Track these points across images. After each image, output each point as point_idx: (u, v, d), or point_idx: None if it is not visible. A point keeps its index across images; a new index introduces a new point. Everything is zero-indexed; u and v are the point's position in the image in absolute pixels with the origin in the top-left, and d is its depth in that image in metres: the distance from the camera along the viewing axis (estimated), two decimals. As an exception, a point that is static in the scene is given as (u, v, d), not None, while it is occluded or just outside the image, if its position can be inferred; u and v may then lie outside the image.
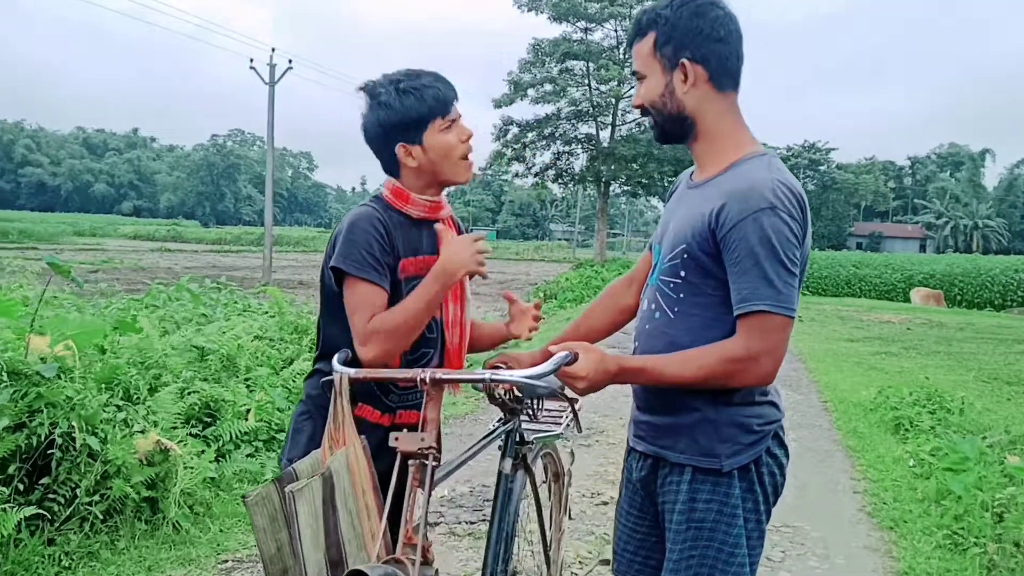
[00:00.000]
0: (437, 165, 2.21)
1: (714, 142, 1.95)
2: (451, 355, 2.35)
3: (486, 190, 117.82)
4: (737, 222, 1.77)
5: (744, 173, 1.85)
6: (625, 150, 35.13)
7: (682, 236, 1.90)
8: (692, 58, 1.88)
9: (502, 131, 36.98)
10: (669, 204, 2.16)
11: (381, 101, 2.18)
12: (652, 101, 1.96)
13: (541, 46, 35.95)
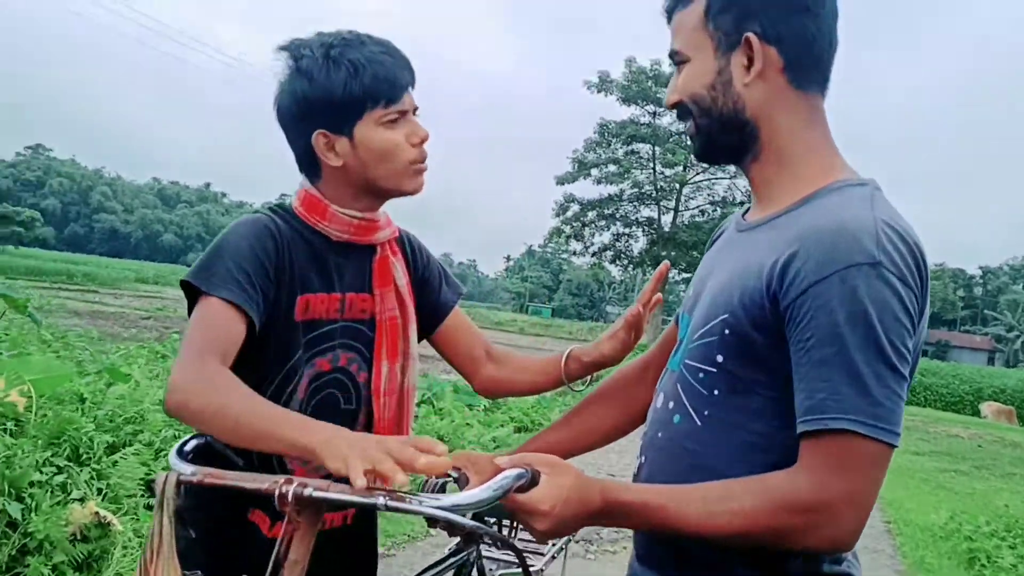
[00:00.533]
0: (370, 169, 1.61)
1: (786, 162, 1.32)
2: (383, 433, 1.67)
3: (545, 267, 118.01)
4: (815, 282, 1.14)
5: (831, 208, 1.22)
6: (686, 236, 34.60)
7: (724, 301, 1.27)
8: (762, 34, 1.28)
9: (562, 207, 36.61)
10: (708, 255, 1.52)
11: (301, 68, 1.58)
12: (695, 94, 1.34)
13: (608, 127, 35.82)
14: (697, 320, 1.34)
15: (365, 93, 1.56)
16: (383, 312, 1.70)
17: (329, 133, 1.59)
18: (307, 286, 1.61)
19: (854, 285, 1.12)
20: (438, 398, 9.72)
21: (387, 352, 1.70)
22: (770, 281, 1.19)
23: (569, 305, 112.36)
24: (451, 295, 1.90)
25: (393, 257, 1.75)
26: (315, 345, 1.62)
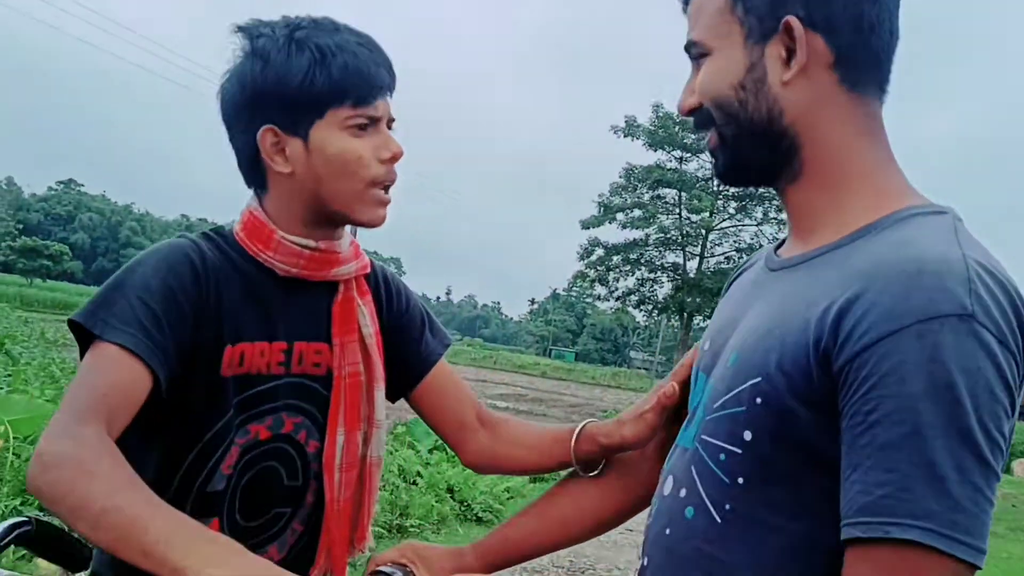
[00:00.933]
0: (323, 183, 1.29)
1: (835, 184, 1.03)
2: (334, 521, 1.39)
3: (569, 311, 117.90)
4: (884, 336, 0.84)
5: (902, 241, 0.92)
6: (711, 283, 34.18)
7: (755, 361, 0.98)
8: (806, 19, 0.99)
9: (587, 251, 36.36)
10: (728, 299, 1.23)
11: (256, 48, 1.27)
12: (719, 96, 1.05)
13: (634, 171, 35.66)
14: (718, 384, 1.05)
15: (330, 86, 1.25)
16: (343, 367, 1.39)
17: (279, 131, 1.28)
18: (240, 333, 1.30)
19: (937, 343, 0.82)
20: (451, 444, 9.39)
21: (345, 417, 1.39)
22: (820, 335, 0.90)
23: (593, 349, 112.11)
24: (436, 345, 1.57)
25: (360, 299, 1.43)
26: (250, 407, 1.31)
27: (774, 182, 1.09)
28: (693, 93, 1.09)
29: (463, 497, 7.44)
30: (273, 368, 1.33)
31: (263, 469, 1.34)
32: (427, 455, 8.61)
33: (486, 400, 24.51)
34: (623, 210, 35.71)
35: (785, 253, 1.11)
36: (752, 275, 1.19)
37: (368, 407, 1.43)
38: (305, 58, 1.24)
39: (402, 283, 1.58)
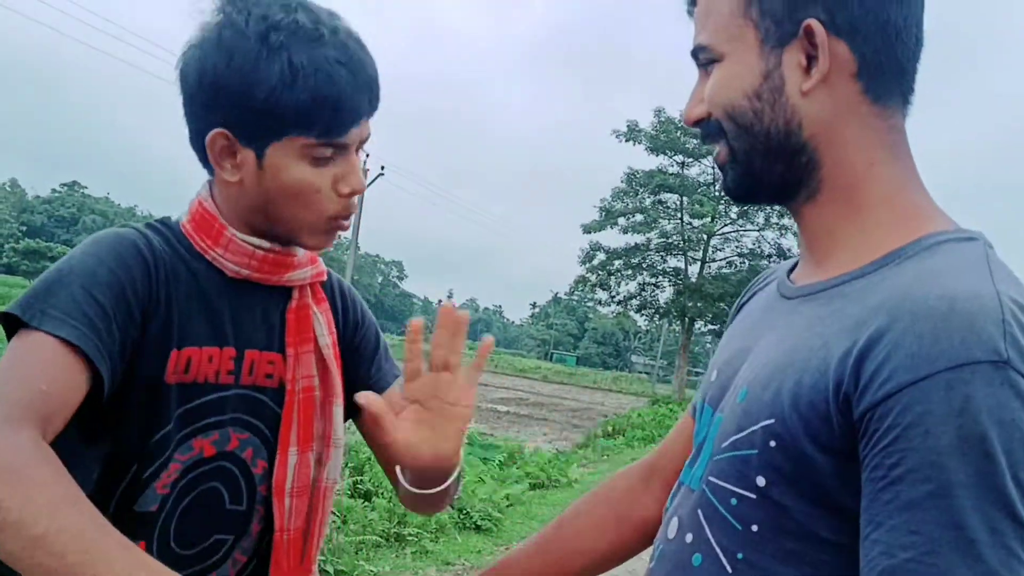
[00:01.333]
0: (276, 206, 1.18)
1: (857, 204, 0.95)
2: (283, 552, 1.25)
3: (570, 315, 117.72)
4: (909, 383, 0.77)
5: (930, 273, 0.84)
6: (713, 288, 34.07)
7: (768, 399, 0.90)
8: (828, 23, 0.91)
9: (588, 256, 36.30)
10: (738, 324, 1.14)
11: (223, 39, 1.11)
12: (731, 105, 0.97)
13: (636, 176, 35.58)
14: (728, 422, 0.96)
15: (296, 111, 1.10)
16: (296, 380, 1.26)
17: (232, 137, 1.14)
18: (187, 336, 1.16)
19: (968, 395, 0.74)
20: (451, 451, 9.36)
21: (298, 435, 1.26)
22: (841, 378, 0.82)
23: (594, 353, 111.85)
24: (389, 371, 1.43)
25: (316, 306, 1.31)
26: (194, 419, 1.18)
27: (788, 200, 1.01)
28: (701, 102, 1.00)
29: (461, 505, 7.40)
30: (222, 377, 1.20)
31: (205, 490, 1.20)
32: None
33: (486, 404, 24.50)
34: (625, 215, 35.66)
35: (800, 279, 1.02)
36: (763, 300, 1.11)
37: (324, 424, 1.30)
38: (274, 72, 1.09)
39: (359, 297, 1.47)
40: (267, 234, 1.22)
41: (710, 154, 8.02)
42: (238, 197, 1.20)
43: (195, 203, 1.24)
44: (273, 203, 1.18)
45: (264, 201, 1.18)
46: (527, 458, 10.55)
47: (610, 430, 18.86)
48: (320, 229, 1.21)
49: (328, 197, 1.18)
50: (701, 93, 1.00)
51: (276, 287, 1.27)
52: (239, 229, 1.21)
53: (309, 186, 1.16)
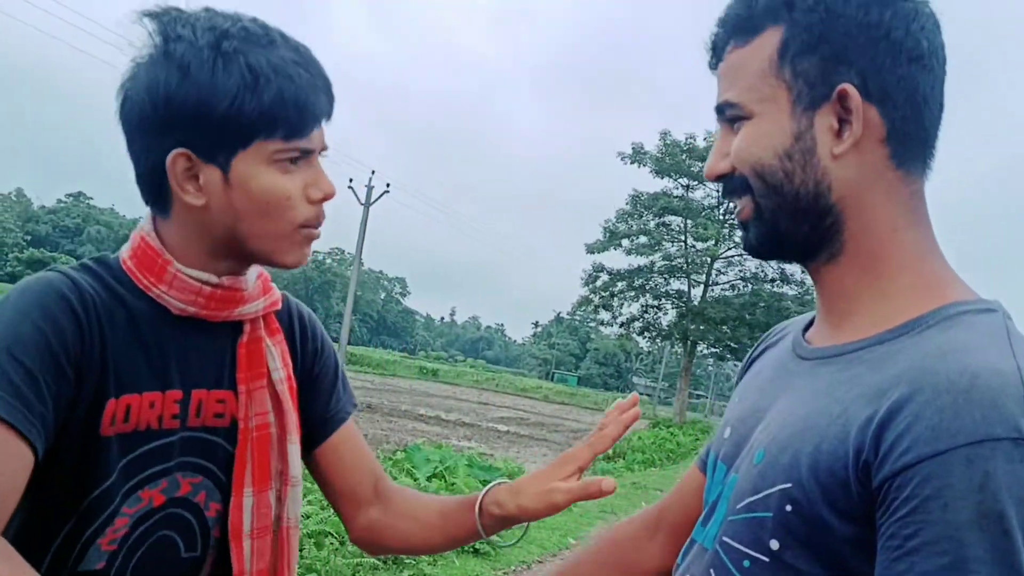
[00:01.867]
0: (244, 221, 1.12)
1: (877, 269, 0.96)
2: None
3: (572, 335, 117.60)
4: (928, 456, 0.77)
5: (951, 346, 0.85)
6: (715, 312, 34.06)
7: (785, 463, 0.91)
8: (862, 89, 0.92)
9: (591, 277, 36.32)
10: (751, 380, 1.14)
11: (173, 54, 1.06)
12: (761, 164, 0.97)
13: (640, 198, 35.63)
14: (743, 483, 0.96)
15: (261, 114, 1.06)
16: (250, 417, 1.21)
17: (195, 156, 1.08)
18: (125, 383, 1.09)
19: (988, 471, 0.74)
20: (451, 472, 9.33)
21: (254, 475, 1.20)
22: (861, 446, 0.82)
23: (596, 374, 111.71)
24: (347, 403, 1.38)
25: (270, 338, 1.25)
26: (139, 469, 1.12)
27: (809, 260, 1.01)
28: (725, 157, 1.00)
29: (461, 528, 7.37)
30: (166, 422, 1.13)
31: (157, 540, 1.15)
32: (426, 483, 8.56)
33: (486, 423, 24.43)
34: (628, 236, 35.67)
35: (816, 339, 1.03)
36: (778, 358, 1.10)
37: (280, 462, 1.24)
38: (233, 79, 1.04)
39: (319, 325, 1.40)
40: (233, 256, 1.17)
41: None
42: (201, 226, 1.13)
43: (136, 238, 1.18)
44: (244, 220, 1.12)
45: (233, 220, 1.12)
46: (527, 481, 10.49)
47: (610, 453, 18.77)
48: (294, 240, 1.15)
49: (299, 204, 1.13)
50: (725, 148, 1.01)
51: (224, 323, 1.20)
52: (192, 261, 1.15)
53: (280, 192, 1.11)
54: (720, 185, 1.03)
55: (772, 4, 0.95)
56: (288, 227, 1.13)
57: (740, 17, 0.99)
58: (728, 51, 1.00)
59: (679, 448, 22.30)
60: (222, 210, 1.11)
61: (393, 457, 9.69)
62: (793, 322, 1.15)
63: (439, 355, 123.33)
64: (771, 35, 0.95)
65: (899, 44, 0.91)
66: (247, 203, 1.10)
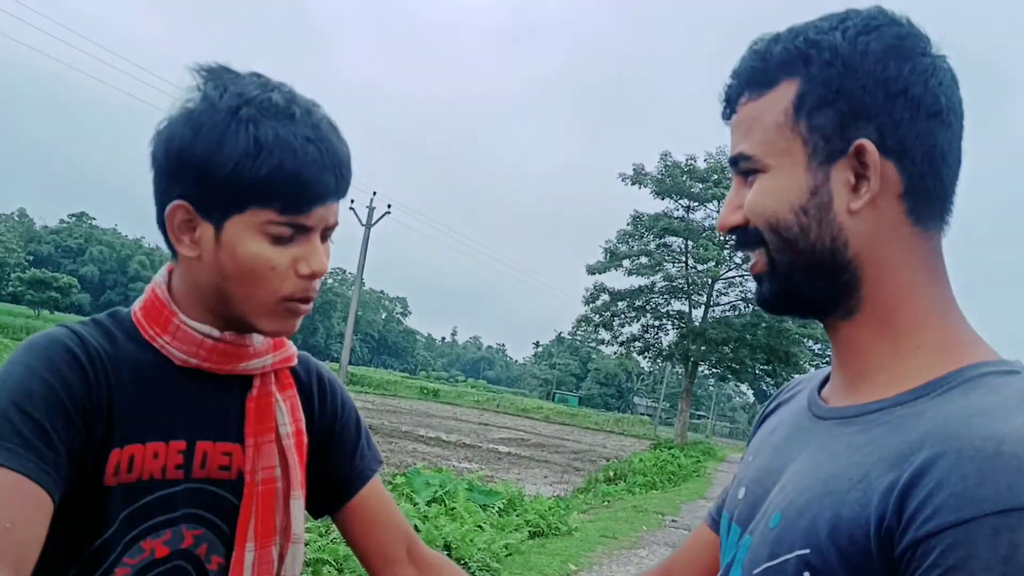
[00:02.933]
0: (230, 284, 1.13)
1: (895, 328, 0.94)
2: None
3: (573, 355, 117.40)
4: (953, 524, 0.75)
5: (975, 410, 0.82)
6: (716, 332, 34.09)
7: (803, 528, 0.88)
8: (880, 144, 0.90)
9: (592, 296, 36.37)
10: (765, 437, 1.12)
11: (193, 115, 1.10)
12: (776, 218, 0.95)
13: (641, 219, 35.75)
14: (759, 547, 0.94)
15: (257, 184, 1.07)
16: (256, 471, 1.20)
17: (192, 210, 1.11)
18: (130, 433, 1.10)
19: (1014, 542, 0.72)
20: (451, 496, 9.30)
21: (257, 529, 1.19)
22: (883, 513, 0.80)
23: (596, 394, 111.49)
24: (371, 460, 1.38)
25: (280, 393, 1.25)
26: (142, 519, 1.11)
27: (825, 316, 0.99)
28: (739, 208, 0.98)
29: (460, 555, 7.33)
30: (170, 472, 1.13)
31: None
32: (425, 508, 8.52)
33: (488, 444, 24.32)
34: (629, 257, 35.75)
35: (833, 398, 1.00)
36: (791, 416, 1.07)
37: (284, 517, 1.23)
38: (239, 146, 1.06)
39: (339, 384, 1.40)
40: (224, 317, 1.17)
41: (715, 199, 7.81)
42: (196, 275, 1.15)
43: (149, 289, 1.20)
44: (228, 280, 1.12)
45: (219, 279, 1.13)
46: (527, 505, 10.45)
47: (611, 475, 18.71)
48: (275, 311, 1.14)
49: (285, 277, 1.12)
50: (739, 200, 0.99)
51: (229, 376, 1.21)
52: (196, 314, 1.16)
53: (264, 262, 1.11)
54: (733, 237, 1.02)
55: (788, 57, 0.94)
56: (270, 298, 1.13)
57: (755, 69, 0.97)
58: (742, 103, 0.99)
59: (680, 470, 22.19)
60: (211, 267, 1.13)
61: (393, 481, 9.63)
62: (807, 378, 1.12)
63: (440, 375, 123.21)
64: (787, 88, 0.94)
65: (917, 99, 0.90)
66: (232, 266, 1.11)
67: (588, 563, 8.54)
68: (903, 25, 0.92)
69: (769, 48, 0.96)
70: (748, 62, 0.98)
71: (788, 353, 32.61)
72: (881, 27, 0.92)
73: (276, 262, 1.11)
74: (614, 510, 13.10)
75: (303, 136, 1.09)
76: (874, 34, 0.91)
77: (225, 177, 1.07)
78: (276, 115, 1.09)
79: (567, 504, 12.07)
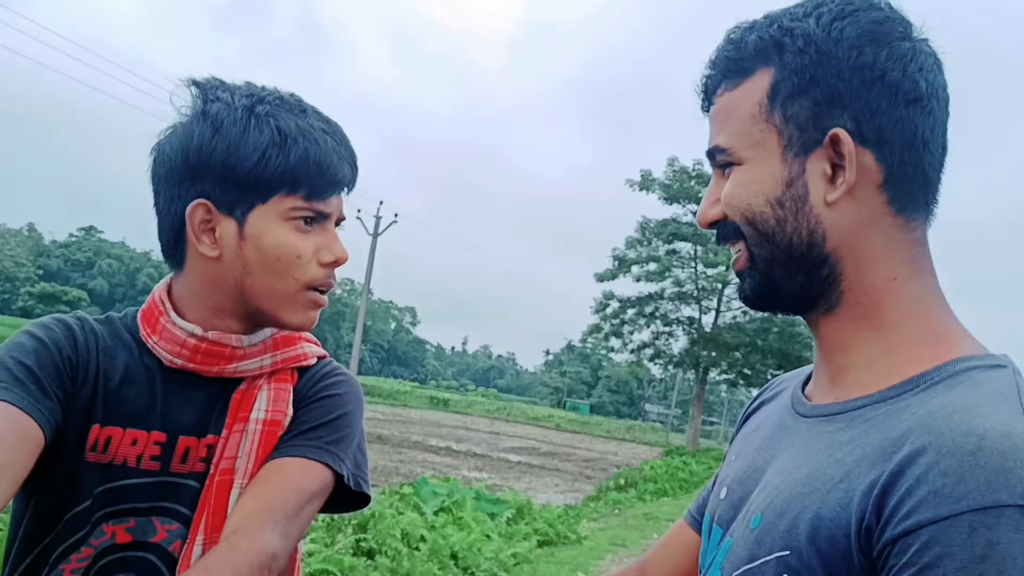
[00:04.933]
0: (252, 276, 1.15)
1: (878, 322, 0.91)
2: None
3: (584, 362, 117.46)
4: (930, 521, 0.72)
5: (956, 406, 0.79)
6: (728, 338, 33.99)
7: (782, 529, 0.85)
8: (856, 133, 0.88)
9: (602, 304, 36.24)
10: (747, 436, 1.09)
11: (209, 112, 1.14)
12: (752, 211, 0.93)
13: (649, 225, 35.64)
14: (739, 549, 0.91)
15: (285, 171, 1.12)
16: (219, 461, 1.18)
17: (214, 208, 1.14)
18: (112, 415, 1.16)
19: (991, 540, 0.69)
20: (458, 506, 9.20)
21: (208, 522, 1.14)
22: (863, 513, 0.78)
23: (608, 402, 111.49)
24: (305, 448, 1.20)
25: (269, 383, 1.22)
26: (113, 501, 1.14)
27: (806, 311, 0.97)
28: (717, 203, 0.97)
29: (467, 564, 7.23)
30: (144, 462, 1.16)
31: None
32: (432, 517, 8.42)
33: (498, 453, 24.30)
34: (638, 263, 35.66)
35: (815, 395, 0.98)
36: (774, 414, 1.05)
37: None
38: (264, 136, 1.12)
39: (346, 384, 1.30)
40: (243, 316, 1.20)
41: None
42: (213, 277, 1.17)
43: (151, 294, 1.24)
44: (252, 274, 1.15)
45: (242, 274, 1.16)
46: (536, 513, 10.34)
47: (622, 483, 18.59)
48: (299, 301, 1.18)
49: (309, 264, 1.17)
50: (717, 194, 0.97)
51: (221, 380, 1.21)
52: (198, 316, 1.19)
53: (291, 250, 1.15)
54: (714, 231, 1.00)
55: (762, 45, 0.92)
56: (294, 286, 1.16)
57: (730, 59, 0.95)
58: (719, 94, 0.97)
59: (692, 477, 22.05)
60: (233, 263, 1.16)
61: (400, 491, 9.55)
62: (791, 375, 1.11)
63: (450, 384, 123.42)
64: (761, 78, 0.92)
65: (895, 86, 0.88)
66: (257, 257, 1.15)
67: (597, 571, 8.43)
68: (881, 9, 0.90)
69: (744, 37, 0.94)
70: (724, 52, 0.96)
71: (800, 358, 32.42)
72: (857, 12, 0.89)
73: (301, 249, 1.15)
74: (624, 518, 13.00)
75: (319, 128, 1.17)
76: (849, 19, 0.89)
77: (250, 168, 1.12)
78: (291, 109, 1.16)
79: (577, 512, 11.97)
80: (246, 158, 1.11)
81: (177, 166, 1.15)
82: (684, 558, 1.18)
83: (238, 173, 1.12)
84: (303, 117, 1.16)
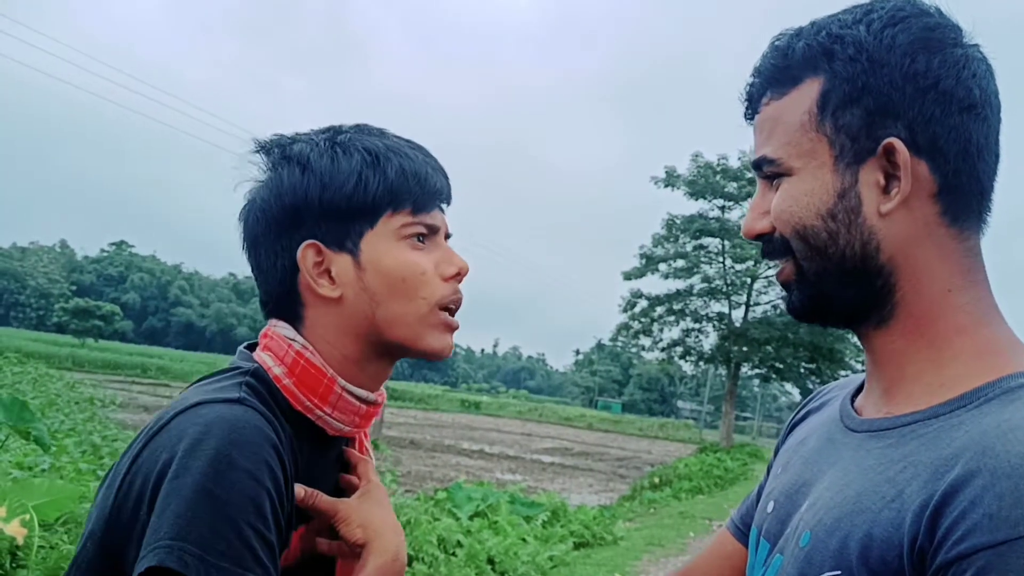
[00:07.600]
0: (385, 306, 1.08)
1: (931, 335, 0.89)
2: None
3: (614, 361, 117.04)
4: (987, 545, 0.70)
5: (1012, 425, 0.76)
6: (758, 332, 33.64)
7: (833, 547, 0.83)
8: (910, 142, 0.86)
9: (630, 303, 36.10)
10: (793, 448, 1.06)
11: (292, 154, 1.09)
12: (803, 224, 0.91)
13: (675, 222, 35.44)
14: (789, 567, 0.90)
15: (386, 189, 1.07)
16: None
17: (324, 247, 1.08)
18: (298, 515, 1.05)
19: None
20: (493, 510, 9.18)
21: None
22: (916, 534, 0.76)
23: (639, 400, 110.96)
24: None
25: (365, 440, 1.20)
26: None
27: (858, 324, 0.94)
28: (765, 215, 0.94)
29: (504, 568, 7.22)
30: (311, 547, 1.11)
31: None
32: (468, 522, 8.42)
33: (531, 455, 24.24)
34: (665, 260, 35.46)
35: (866, 409, 0.96)
36: (822, 427, 1.03)
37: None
38: (355, 161, 1.07)
39: None
40: (378, 355, 1.11)
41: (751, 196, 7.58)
42: (339, 322, 1.09)
43: (287, 351, 1.08)
44: (380, 304, 1.08)
45: (371, 308, 1.08)
46: (571, 515, 10.30)
47: (656, 481, 18.49)
48: (433, 323, 1.10)
49: (432, 281, 1.10)
50: (764, 206, 0.95)
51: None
52: (347, 371, 1.09)
53: (414, 268, 1.09)
54: (760, 245, 0.98)
55: (810, 53, 0.90)
56: (425, 307, 1.09)
57: (776, 68, 0.93)
58: (764, 103, 0.95)
59: (727, 474, 21.90)
60: (359, 298, 1.08)
61: (435, 497, 9.55)
62: (839, 385, 1.09)
63: (481, 387, 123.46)
64: (810, 86, 0.90)
65: (949, 93, 0.85)
66: (381, 284, 1.08)
67: (634, 572, 8.39)
68: (932, 15, 0.88)
69: (791, 45, 0.92)
70: (770, 60, 0.94)
71: (832, 350, 32.11)
72: (908, 18, 0.87)
73: (424, 266, 1.10)
74: (660, 517, 12.94)
75: (406, 145, 1.13)
76: (901, 26, 0.87)
77: (350, 193, 1.07)
78: (371, 133, 1.13)
79: (612, 513, 11.92)
80: (343, 185, 1.06)
81: (273, 217, 1.09)
82: (727, 568, 1.17)
83: (339, 202, 1.06)
84: (385, 137, 1.13)
